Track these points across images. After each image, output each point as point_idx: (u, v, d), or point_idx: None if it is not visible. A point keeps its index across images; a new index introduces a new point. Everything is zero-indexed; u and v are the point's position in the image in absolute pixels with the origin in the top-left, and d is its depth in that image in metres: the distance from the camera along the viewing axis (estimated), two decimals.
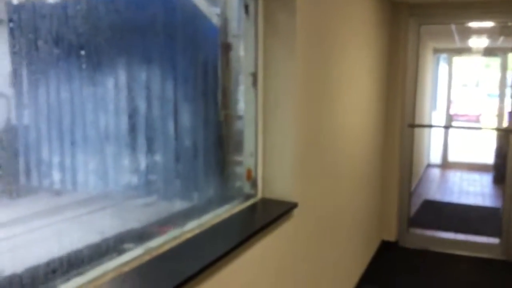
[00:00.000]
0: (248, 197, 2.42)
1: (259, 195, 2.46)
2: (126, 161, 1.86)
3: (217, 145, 2.31)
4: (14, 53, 1.39)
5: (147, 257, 1.66)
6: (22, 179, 1.56)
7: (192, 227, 1.97)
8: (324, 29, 2.75)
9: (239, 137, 2.44)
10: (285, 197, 2.43)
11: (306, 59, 2.48)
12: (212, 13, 2.20)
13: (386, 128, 4.71)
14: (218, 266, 1.79)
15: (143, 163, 1.90)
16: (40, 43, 1.47)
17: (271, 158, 2.45)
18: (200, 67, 2.15)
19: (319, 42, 2.67)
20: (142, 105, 1.90)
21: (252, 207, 2.35)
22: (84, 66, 1.68)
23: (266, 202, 2.42)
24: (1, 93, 1.51)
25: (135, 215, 1.88)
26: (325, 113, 2.87)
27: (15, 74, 1.49)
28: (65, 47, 1.65)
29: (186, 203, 2.16)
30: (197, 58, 2.13)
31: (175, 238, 1.84)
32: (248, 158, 2.42)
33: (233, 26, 2.32)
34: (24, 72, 1.52)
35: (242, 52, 2.35)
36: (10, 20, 1.42)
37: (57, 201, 1.70)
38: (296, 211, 2.44)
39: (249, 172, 2.41)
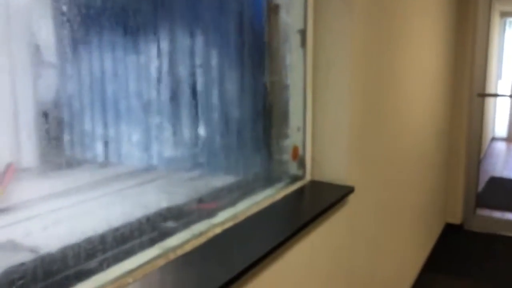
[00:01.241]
0: (294, 179, 2.05)
1: (308, 177, 2.09)
2: (168, 133, 1.80)
3: (262, 117, 2.05)
4: (56, 21, 1.39)
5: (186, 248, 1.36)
6: (66, 150, 1.51)
7: (226, 217, 1.64)
8: None
9: (287, 108, 2.08)
10: (338, 180, 2.05)
11: (365, 14, 2.05)
12: None
13: (454, 98, 4.18)
14: (259, 267, 1.45)
15: (186, 135, 1.83)
16: (82, 9, 1.46)
17: (322, 133, 2.06)
18: (246, 31, 1.95)
19: None
20: (185, 73, 1.82)
21: (300, 192, 1.98)
22: (126, 32, 1.65)
23: (316, 186, 2.04)
24: (49, 63, 1.47)
25: (180, 190, 1.79)
26: (386, 80, 2.43)
27: (59, 43, 1.47)
28: (108, 13, 1.61)
29: (229, 178, 2.00)
30: (242, 21, 1.95)
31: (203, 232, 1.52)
32: (294, 133, 2.04)
33: None
34: (68, 41, 1.49)
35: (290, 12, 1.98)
36: None
37: (102, 174, 1.67)
38: (351, 197, 2.05)
39: (295, 150, 2.03)
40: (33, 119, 1.38)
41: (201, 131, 1.91)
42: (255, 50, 2.00)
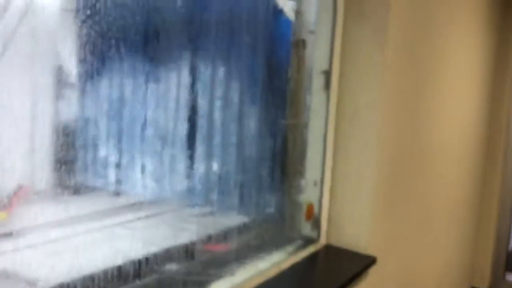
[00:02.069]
0: (307, 241, 1.76)
1: (323, 240, 1.78)
2: (182, 166, 1.78)
3: (276, 163, 1.85)
4: (80, 44, 1.42)
5: None
6: (79, 176, 1.50)
7: None
8: (424, 20, 2.02)
9: (304, 156, 1.81)
10: (358, 247, 1.74)
11: (399, 56, 1.77)
12: (288, 6, 1.85)
13: (487, 148, 3.84)
14: None
15: (199, 169, 1.81)
16: (106, 34, 1.48)
17: (342, 189, 1.76)
18: (269, 66, 1.82)
19: (416, 35, 1.94)
20: (203, 106, 1.80)
21: (312, 259, 1.67)
22: (147, 59, 1.64)
23: (331, 253, 1.74)
24: (70, 85, 1.48)
25: (188, 226, 1.75)
26: (419, 130, 2.14)
27: (80, 66, 1.49)
28: (131, 39, 1.60)
29: (240, 219, 1.87)
30: (266, 56, 1.84)
31: None
32: (310, 187, 1.75)
33: (309, 20, 1.76)
34: (89, 64, 1.51)
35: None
36: (78, 10, 1.42)
37: (112, 203, 1.65)
38: (373, 270, 1.73)
39: (310, 208, 1.74)
40: (49, 141, 1.37)
41: (215, 167, 1.85)
42: (276, 87, 1.84)
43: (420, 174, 2.21)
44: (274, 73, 1.86)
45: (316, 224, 1.76)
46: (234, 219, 1.80)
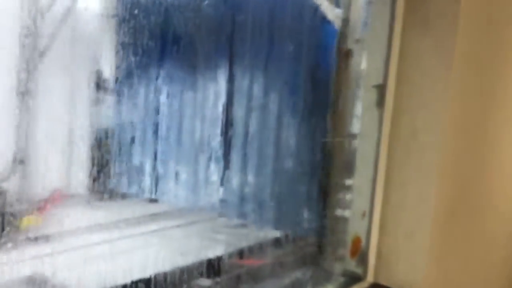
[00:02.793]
0: (352, 278, 1.55)
1: (370, 278, 1.57)
2: (218, 176, 1.76)
3: (317, 182, 1.70)
4: (118, 50, 1.43)
5: None
6: (114, 181, 1.53)
7: None
8: (494, 37, 1.79)
9: (350, 182, 1.63)
10: (411, 287, 1.51)
11: (465, 72, 1.56)
12: (335, 15, 1.73)
13: None
14: None
15: (235, 179, 1.79)
16: (144, 40, 1.48)
17: (394, 222, 1.56)
18: (312, 77, 1.72)
19: (485, 51, 1.72)
20: (241, 116, 1.77)
21: None
22: (185, 67, 1.69)
23: None
24: (108, 91, 1.56)
25: (222, 237, 1.71)
26: (484, 158, 1.89)
27: (118, 72, 1.52)
28: (169, 47, 1.66)
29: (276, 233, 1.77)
30: (309, 66, 1.74)
31: None
32: (357, 219, 1.55)
33: (356, 28, 1.61)
34: (126, 70, 1.52)
35: (364, 60, 1.57)
36: (117, 16, 1.45)
37: (146, 210, 1.66)
38: None
39: (356, 242, 1.54)
40: (86, 145, 1.40)
41: (251, 178, 1.80)
42: (319, 99, 1.71)
43: (482, 208, 1.95)
44: (318, 84, 1.72)
45: (363, 259, 1.56)
46: (269, 234, 1.69)
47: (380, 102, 1.50)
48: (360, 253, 1.55)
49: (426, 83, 1.48)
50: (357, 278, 1.56)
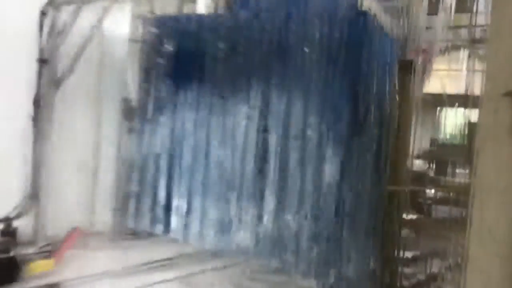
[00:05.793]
0: None
1: None
2: (249, 215, 1.68)
3: (370, 234, 1.69)
4: (146, 76, 1.57)
5: None
6: (138, 220, 1.53)
7: None
8: None
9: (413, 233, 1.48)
10: None
11: None
12: (394, 27, 1.83)
13: None
14: None
15: (269, 220, 1.64)
16: (173, 66, 1.56)
17: None
18: (364, 97, 1.59)
19: None
20: (277, 146, 1.66)
21: None
22: (216, 93, 1.71)
23: None
24: (135, 118, 1.67)
25: (256, 286, 1.60)
26: None
27: (144, 99, 1.62)
28: (199, 72, 1.64)
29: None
30: (361, 85, 1.62)
31: None
32: None
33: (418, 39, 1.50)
34: (153, 99, 1.62)
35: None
36: (145, 41, 1.55)
37: (170, 251, 1.69)
38: None
39: None
40: (112, 180, 1.35)
41: (289, 218, 1.66)
42: (377, 122, 1.60)
43: None
44: (371, 105, 1.57)
45: None
46: (312, 283, 1.61)
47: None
48: None
49: None
50: None
